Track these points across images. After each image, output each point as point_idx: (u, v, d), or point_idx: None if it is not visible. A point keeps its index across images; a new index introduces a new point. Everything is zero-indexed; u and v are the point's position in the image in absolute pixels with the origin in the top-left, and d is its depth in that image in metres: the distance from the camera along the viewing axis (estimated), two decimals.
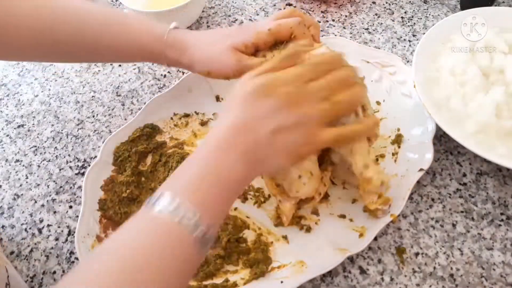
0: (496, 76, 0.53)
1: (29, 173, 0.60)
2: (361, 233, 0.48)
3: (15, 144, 0.64)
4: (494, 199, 0.52)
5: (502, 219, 0.50)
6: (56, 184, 0.59)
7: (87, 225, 0.51)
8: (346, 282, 0.47)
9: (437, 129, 0.54)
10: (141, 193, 0.55)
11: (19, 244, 0.53)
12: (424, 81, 0.55)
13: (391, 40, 0.70)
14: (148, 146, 0.58)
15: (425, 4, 0.76)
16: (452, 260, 0.48)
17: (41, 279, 0.50)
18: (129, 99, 0.67)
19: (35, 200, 0.57)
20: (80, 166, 0.60)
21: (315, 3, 0.78)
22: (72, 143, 0.63)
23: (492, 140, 0.49)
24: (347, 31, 0.73)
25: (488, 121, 0.49)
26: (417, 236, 0.50)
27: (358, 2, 0.77)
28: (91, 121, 0.65)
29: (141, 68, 0.71)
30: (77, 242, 0.49)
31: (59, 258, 0.52)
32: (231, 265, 0.49)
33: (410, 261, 0.48)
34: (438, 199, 0.52)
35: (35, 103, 0.69)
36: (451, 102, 0.52)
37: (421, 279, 0.47)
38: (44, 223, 0.55)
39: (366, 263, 0.48)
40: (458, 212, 0.51)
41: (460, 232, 0.50)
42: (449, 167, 0.55)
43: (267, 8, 0.78)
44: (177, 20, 0.71)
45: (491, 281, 0.46)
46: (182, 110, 0.62)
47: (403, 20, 0.73)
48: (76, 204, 0.56)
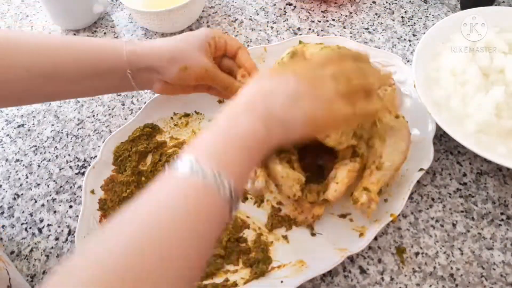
0: (496, 76, 0.53)
1: (29, 173, 0.60)
2: (361, 233, 0.48)
3: (15, 144, 0.64)
4: (494, 198, 0.52)
5: (502, 218, 0.50)
6: (56, 183, 0.59)
7: (87, 224, 0.51)
8: (346, 281, 0.47)
9: (437, 129, 0.54)
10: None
11: (19, 243, 0.54)
12: (424, 81, 0.55)
13: (391, 40, 0.70)
14: (148, 146, 0.58)
15: (425, 3, 0.76)
16: (452, 259, 0.48)
17: (41, 279, 0.50)
18: (129, 99, 0.67)
19: (35, 200, 0.57)
20: (80, 165, 0.60)
21: (315, 3, 0.78)
22: (72, 143, 0.63)
23: (492, 140, 0.49)
24: (347, 30, 0.72)
25: (488, 121, 0.49)
26: (417, 235, 0.50)
27: (358, 2, 0.77)
28: (91, 121, 0.65)
29: None
30: (77, 242, 0.49)
31: (59, 258, 0.52)
32: (231, 264, 0.49)
33: (410, 260, 0.48)
34: (438, 198, 0.52)
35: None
36: (451, 102, 0.52)
37: (421, 278, 0.47)
38: (44, 222, 0.55)
39: (366, 262, 0.48)
40: (458, 212, 0.51)
41: (460, 231, 0.50)
42: (449, 166, 0.55)
43: (267, 7, 0.78)
44: (177, 20, 0.72)
45: (491, 280, 0.46)
46: (182, 110, 0.62)
47: (403, 20, 0.73)
48: (76, 204, 0.56)
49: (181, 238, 0.30)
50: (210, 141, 0.36)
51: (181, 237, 0.30)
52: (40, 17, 0.82)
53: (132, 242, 0.29)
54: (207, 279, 0.48)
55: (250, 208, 0.53)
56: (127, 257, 0.28)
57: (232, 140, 0.36)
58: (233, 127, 0.36)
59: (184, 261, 0.30)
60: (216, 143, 0.35)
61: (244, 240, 0.50)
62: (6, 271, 0.42)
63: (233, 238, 0.50)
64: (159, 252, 0.29)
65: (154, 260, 0.28)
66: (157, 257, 0.28)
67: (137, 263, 0.28)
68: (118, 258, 0.28)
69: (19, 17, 0.82)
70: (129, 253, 0.28)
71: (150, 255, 0.28)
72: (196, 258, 0.31)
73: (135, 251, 0.28)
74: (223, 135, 0.36)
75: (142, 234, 0.29)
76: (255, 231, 0.51)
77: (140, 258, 0.28)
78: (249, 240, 0.50)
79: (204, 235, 0.32)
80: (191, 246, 0.31)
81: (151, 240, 0.29)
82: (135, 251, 0.28)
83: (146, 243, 0.29)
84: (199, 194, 0.32)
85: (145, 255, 0.28)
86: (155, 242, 0.29)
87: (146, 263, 0.28)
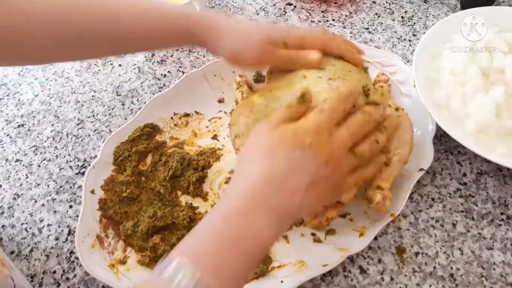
0: (496, 76, 0.53)
1: (29, 173, 0.60)
2: (361, 233, 0.48)
3: (15, 144, 0.64)
4: (494, 198, 0.52)
5: (502, 218, 0.50)
6: (56, 183, 0.59)
7: (87, 224, 0.51)
8: (346, 281, 0.47)
9: (437, 129, 0.54)
10: (141, 192, 0.55)
11: (19, 243, 0.53)
12: (424, 81, 0.55)
13: (391, 40, 0.70)
14: (148, 146, 0.58)
15: (425, 3, 0.76)
16: (452, 259, 0.48)
17: (41, 279, 0.50)
18: (129, 99, 0.67)
19: (35, 200, 0.57)
20: (80, 165, 0.60)
21: (315, 3, 0.78)
22: (72, 143, 0.63)
23: (492, 140, 0.49)
24: (347, 30, 0.73)
25: (488, 120, 0.49)
26: (417, 235, 0.50)
27: (358, 2, 0.77)
28: (91, 121, 0.65)
29: (141, 67, 0.71)
30: (77, 242, 0.49)
31: (59, 258, 0.52)
32: None
33: (410, 260, 0.48)
34: (438, 198, 0.52)
35: (35, 103, 0.69)
36: (451, 102, 0.52)
37: (421, 278, 0.47)
38: (44, 222, 0.55)
39: (366, 262, 0.48)
40: (458, 212, 0.51)
41: (460, 231, 0.50)
42: (449, 166, 0.55)
43: (267, 7, 0.78)
44: None
45: (491, 280, 0.46)
46: (182, 110, 0.62)
47: (403, 20, 0.73)
48: (76, 204, 0.56)
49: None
50: (210, 246, 0.32)
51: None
52: None
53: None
54: None
55: None
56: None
57: (237, 248, 0.32)
58: (239, 232, 0.32)
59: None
60: (217, 252, 0.32)
61: None
62: (11, 278, 0.42)
63: None
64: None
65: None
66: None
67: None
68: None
69: None
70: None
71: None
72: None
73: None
74: (226, 241, 0.32)
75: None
76: None
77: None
78: None
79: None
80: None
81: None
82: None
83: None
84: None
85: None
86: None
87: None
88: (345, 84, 0.45)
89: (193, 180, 0.55)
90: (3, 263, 0.43)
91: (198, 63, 0.70)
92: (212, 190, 0.55)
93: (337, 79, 0.46)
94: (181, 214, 0.52)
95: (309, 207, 0.37)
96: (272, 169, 0.35)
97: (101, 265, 0.48)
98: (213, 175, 0.56)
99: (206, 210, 0.53)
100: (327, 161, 0.37)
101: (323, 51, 0.48)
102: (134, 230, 0.51)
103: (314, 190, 0.36)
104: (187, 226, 0.51)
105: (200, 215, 0.53)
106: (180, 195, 0.55)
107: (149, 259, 0.49)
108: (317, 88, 0.45)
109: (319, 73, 0.47)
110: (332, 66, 0.48)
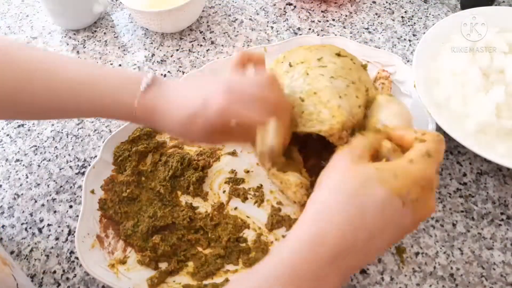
0: (496, 76, 0.53)
1: (29, 173, 0.60)
2: None
3: (15, 144, 0.64)
4: (494, 198, 0.52)
5: (502, 218, 0.50)
6: (56, 183, 0.59)
7: (87, 224, 0.51)
8: (346, 281, 0.47)
9: (437, 129, 0.54)
10: (141, 192, 0.55)
11: (19, 243, 0.54)
12: (424, 81, 0.55)
13: (391, 40, 0.70)
14: (148, 146, 0.58)
15: (425, 3, 0.76)
16: (452, 259, 0.48)
17: (41, 279, 0.50)
18: None
19: (35, 200, 0.57)
20: (80, 165, 0.60)
21: (315, 3, 0.78)
22: (72, 143, 0.63)
23: (492, 140, 0.49)
24: (347, 30, 0.73)
25: (488, 121, 0.49)
26: (417, 235, 0.50)
27: (358, 2, 0.77)
28: (91, 121, 0.65)
29: (141, 68, 0.71)
30: (77, 242, 0.49)
31: (59, 258, 0.52)
32: (231, 264, 0.49)
33: (410, 260, 0.48)
34: (438, 198, 0.52)
35: None
36: (451, 102, 0.52)
37: (421, 278, 0.47)
38: (44, 222, 0.55)
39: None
40: (458, 212, 0.51)
41: (460, 231, 0.50)
42: (449, 166, 0.55)
43: (267, 7, 0.78)
44: (177, 20, 0.72)
45: (491, 280, 0.46)
46: None
47: (403, 20, 0.73)
48: (76, 204, 0.56)
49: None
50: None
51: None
52: (40, 17, 0.82)
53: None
54: (207, 279, 0.48)
55: (250, 208, 0.53)
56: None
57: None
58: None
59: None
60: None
61: (244, 240, 0.50)
62: (13, 276, 0.42)
63: (233, 238, 0.50)
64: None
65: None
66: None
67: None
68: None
69: (19, 17, 0.82)
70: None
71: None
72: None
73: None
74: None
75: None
76: (255, 231, 0.51)
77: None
78: (249, 240, 0.50)
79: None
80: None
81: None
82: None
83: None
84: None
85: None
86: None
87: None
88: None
89: (193, 180, 0.55)
90: (5, 262, 0.43)
91: (198, 63, 0.71)
92: (212, 190, 0.55)
93: (338, 78, 0.46)
94: (181, 214, 0.52)
95: (370, 259, 0.34)
96: (357, 231, 0.29)
97: (101, 265, 0.48)
98: (213, 175, 0.56)
99: (206, 210, 0.53)
100: (422, 219, 0.32)
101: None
102: (134, 230, 0.51)
103: (375, 243, 0.31)
104: (187, 226, 0.51)
105: (200, 215, 0.53)
106: (180, 195, 0.55)
107: (149, 259, 0.49)
108: (320, 86, 0.45)
109: (321, 70, 0.47)
110: (333, 64, 0.48)
